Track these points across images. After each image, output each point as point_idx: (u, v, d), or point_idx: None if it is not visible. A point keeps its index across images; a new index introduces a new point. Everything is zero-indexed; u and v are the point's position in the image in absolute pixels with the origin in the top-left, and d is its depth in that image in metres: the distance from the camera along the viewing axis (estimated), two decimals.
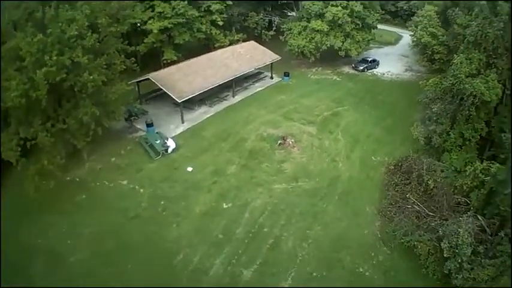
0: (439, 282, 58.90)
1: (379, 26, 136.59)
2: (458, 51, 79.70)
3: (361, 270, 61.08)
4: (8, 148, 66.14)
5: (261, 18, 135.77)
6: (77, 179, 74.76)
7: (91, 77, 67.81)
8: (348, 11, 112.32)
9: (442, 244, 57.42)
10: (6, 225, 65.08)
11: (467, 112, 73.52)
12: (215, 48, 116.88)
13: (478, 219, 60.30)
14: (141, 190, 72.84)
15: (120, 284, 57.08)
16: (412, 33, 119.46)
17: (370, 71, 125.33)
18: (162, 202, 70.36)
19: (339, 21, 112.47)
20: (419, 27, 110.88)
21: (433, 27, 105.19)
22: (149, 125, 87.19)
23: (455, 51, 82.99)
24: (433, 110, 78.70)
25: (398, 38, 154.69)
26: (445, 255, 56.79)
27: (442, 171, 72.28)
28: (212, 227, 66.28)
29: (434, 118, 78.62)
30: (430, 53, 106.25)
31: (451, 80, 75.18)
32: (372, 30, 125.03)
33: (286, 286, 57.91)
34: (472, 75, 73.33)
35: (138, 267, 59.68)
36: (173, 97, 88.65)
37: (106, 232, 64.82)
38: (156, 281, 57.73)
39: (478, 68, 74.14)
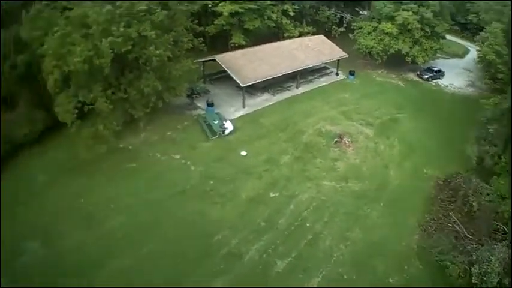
0: None
1: (448, 37, 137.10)
2: None
3: (391, 280, 60.92)
4: (65, 110, 68.11)
5: (332, 14, 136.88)
6: (130, 147, 77.16)
7: (157, 51, 69.65)
8: (418, 16, 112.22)
9: (472, 269, 56.69)
10: (50, 180, 67.83)
11: None
12: (284, 38, 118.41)
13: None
14: (192, 167, 74.50)
15: (153, 255, 58.49)
16: (478, 48, 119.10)
17: (434, 81, 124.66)
18: (211, 182, 71.70)
19: (409, 26, 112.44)
20: (485, 43, 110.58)
21: (498, 45, 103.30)
22: (210, 104, 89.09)
23: None
24: (489, 130, 78.28)
25: (466, 51, 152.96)
26: (473, 281, 56.05)
27: (488, 194, 71.49)
28: (256, 214, 67.33)
29: (489, 139, 78.06)
30: (493, 71, 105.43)
31: (510, 102, 73.86)
32: (441, 40, 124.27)
33: (314, 286, 58.41)
34: None
35: (173, 241, 61.00)
36: (237, 81, 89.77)
37: (149, 203, 66.40)
38: (189, 257, 58.80)
39: None
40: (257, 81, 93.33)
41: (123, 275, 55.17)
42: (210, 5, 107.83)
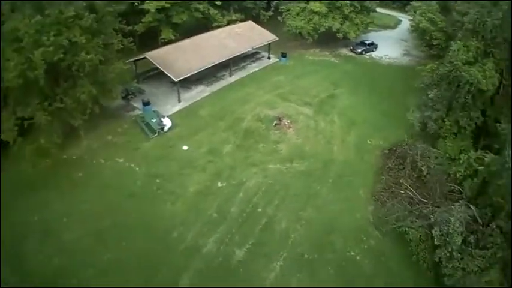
0: (429, 272, 58.48)
1: (379, 10, 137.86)
2: (456, 38, 78.55)
3: (352, 254, 61.37)
4: (6, 128, 66.94)
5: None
6: (74, 157, 75.57)
7: (88, 56, 68.47)
8: None
9: (433, 232, 56.87)
10: (1, 202, 65.16)
11: (463, 100, 72.19)
12: (213, 28, 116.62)
13: (470, 208, 59.00)
14: (137, 168, 73.74)
15: (115, 262, 57.80)
16: (411, 18, 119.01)
17: (368, 54, 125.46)
18: (158, 180, 71.18)
19: (337, 3, 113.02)
20: (418, 12, 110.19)
21: (432, 13, 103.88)
22: (146, 103, 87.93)
23: (453, 38, 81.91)
24: (430, 96, 78.28)
25: (398, 22, 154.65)
26: (435, 243, 56.12)
27: (436, 157, 72.12)
28: (206, 206, 67.00)
29: (430, 104, 78.10)
30: (428, 38, 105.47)
31: (447, 67, 74.50)
32: (371, 14, 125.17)
33: (277, 269, 58.52)
34: (468, 63, 72.39)
35: (132, 244, 60.35)
36: (170, 76, 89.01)
37: (101, 210, 65.39)
38: (150, 258, 58.39)
39: (475, 56, 73.09)
40: (190, 74, 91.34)
41: (91, 284, 54.96)
42: (136, 3, 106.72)
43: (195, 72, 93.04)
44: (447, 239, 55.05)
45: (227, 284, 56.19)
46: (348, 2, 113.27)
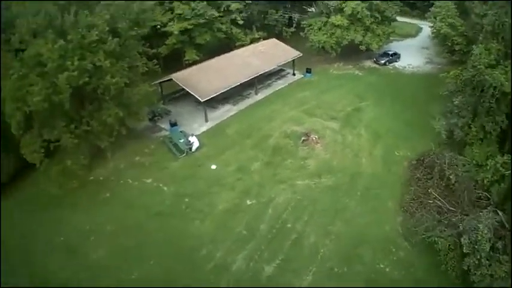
0: (457, 281, 57.81)
1: (399, 19, 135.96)
2: (477, 41, 77.22)
3: (381, 266, 61.09)
4: (32, 150, 68.16)
5: (281, 16, 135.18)
6: (101, 178, 76.14)
7: (113, 80, 68.94)
8: (366, 4, 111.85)
9: (462, 240, 55.98)
10: (27, 223, 66.84)
11: (488, 104, 70.08)
12: (236, 47, 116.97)
13: (498, 214, 58.60)
14: (165, 188, 73.84)
15: (142, 281, 58.19)
16: (431, 25, 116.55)
17: (391, 64, 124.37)
18: (186, 199, 71.32)
19: (358, 15, 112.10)
20: (438, 18, 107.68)
21: (451, 18, 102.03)
22: (173, 124, 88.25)
23: (474, 42, 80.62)
24: (455, 102, 76.92)
25: (419, 29, 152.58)
26: (464, 251, 55.38)
27: (464, 165, 70.94)
28: (235, 224, 67.13)
29: (456, 111, 76.75)
30: (449, 44, 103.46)
31: (470, 72, 73.14)
32: (392, 23, 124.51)
33: (305, 286, 58.40)
34: (491, 66, 70.80)
35: (159, 263, 60.74)
36: (196, 96, 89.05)
37: (128, 229, 66.04)
38: (178, 277, 58.61)
39: (497, 58, 71.58)
40: (215, 94, 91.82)
41: None
42: (159, 26, 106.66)
43: (220, 92, 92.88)
44: (476, 246, 54.20)
45: None
46: (368, 13, 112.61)
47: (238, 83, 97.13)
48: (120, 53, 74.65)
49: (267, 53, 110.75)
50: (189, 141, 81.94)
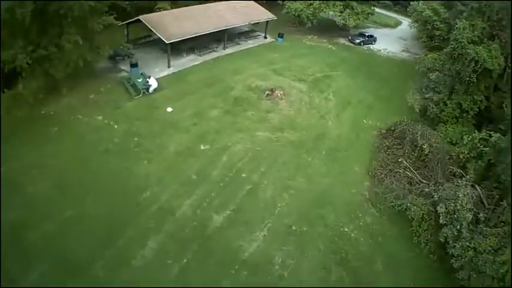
0: (432, 255, 50.87)
1: (379, 11, 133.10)
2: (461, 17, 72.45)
3: (346, 230, 52.99)
4: None
5: None
6: (52, 113, 67.59)
7: None
8: None
9: (438, 208, 49.55)
10: None
11: (468, 79, 66.81)
12: None
13: (476, 189, 52.96)
14: (116, 126, 65.81)
15: (78, 217, 49.59)
16: (411, 22, 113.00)
17: (366, 45, 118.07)
18: (136, 139, 63.19)
19: None
20: (421, 1, 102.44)
21: (435, 4, 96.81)
22: (133, 65, 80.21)
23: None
24: (431, 77, 72.80)
25: (398, 22, 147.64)
26: (441, 221, 48.77)
27: (437, 139, 64.89)
28: (186, 167, 58.72)
29: (432, 86, 72.67)
30: (430, 28, 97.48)
31: (452, 45, 68.91)
32: (371, 8, 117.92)
33: (260, 238, 50.01)
34: (474, 42, 67.02)
35: (99, 200, 52.14)
36: (161, 38, 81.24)
37: (72, 164, 57.48)
38: (116, 217, 50.15)
39: (480, 37, 67.92)
40: (183, 38, 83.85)
41: (49, 239, 46.67)
42: None
43: (188, 36, 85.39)
44: (454, 215, 48.27)
45: (200, 251, 47.61)
46: None
47: (208, 31, 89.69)
48: None
49: (241, 10, 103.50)
50: (147, 81, 74.52)
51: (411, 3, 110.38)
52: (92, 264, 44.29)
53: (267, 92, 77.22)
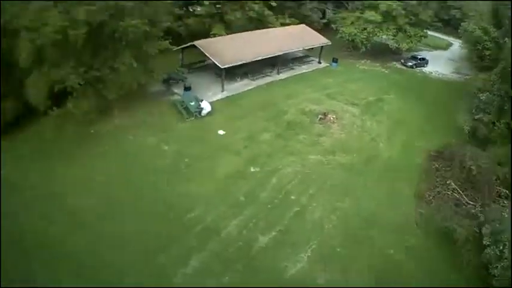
0: (474, 277, 49.00)
1: (431, 33, 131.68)
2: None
3: (391, 252, 51.99)
4: (37, 89, 61.15)
5: (315, 7, 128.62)
6: (102, 132, 68.85)
7: (133, 21, 62.28)
8: (402, 3, 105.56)
9: (483, 229, 48.83)
10: (16, 166, 60.03)
11: None
12: None
13: None
14: (166, 147, 66.53)
15: (119, 234, 50.15)
16: (461, 43, 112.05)
17: (418, 68, 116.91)
18: (186, 160, 63.64)
19: (393, 13, 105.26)
20: (472, 22, 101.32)
21: (485, 23, 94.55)
22: (187, 88, 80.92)
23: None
24: (481, 98, 71.44)
25: (449, 44, 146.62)
26: (484, 242, 47.81)
27: (486, 160, 63.23)
28: (234, 189, 58.71)
29: (482, 107, 71.35)
30: (480, 48, 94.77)
31: (502, 64, 68.22)
32: (424, 31, 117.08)
33: (305, 260, 49.36)
34: None
35: (143, 217, 52.76)
36: (216, 63, 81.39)
37: (120, 181, 58.34)
38: (159, 235, 50.51)
39: None
40: (237, 63, 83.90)
41: (91, 253, 47.43)
42: None
43: (242, 62, 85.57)
44: (498, 237, 47.02)
45: (243, 270, 47.33)
46: (403, 12, 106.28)
47: (262, 57, 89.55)
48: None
49: (295, 35, 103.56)
50: (200, 104, 74.84)
51: (462, 24, 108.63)
52: (131, 279, 44.90)
53: (319, 116, 76.94)
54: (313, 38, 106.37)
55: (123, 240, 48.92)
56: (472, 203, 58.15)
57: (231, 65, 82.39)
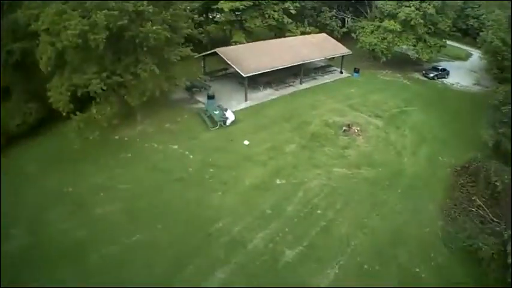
0: None
1: (450, 43, 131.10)
2: None
3: (417, 270, 51.25)
4: (58, 93, 61.59)
5: (334, 16, 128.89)
6: (126, 139, 69.63)
7: (154, 27, 61.85)
8: (421, 12, 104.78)
9: (507, 247, 48.49)
10: (38, 171, 61.26)
11: None
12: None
13: None
14: (191, 156, 66.37)
15: (142, 244, 50.22)
16: (481, 54, 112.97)
17: (440, 80, 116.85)
18: (211, 170, 63.37)
19: (412, 22, 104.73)
20: (490, 32, 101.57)
21: (503, 32, 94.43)
22: (210, 97, 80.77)
23: None
24: (504, 111, 70.71)
25: (468, 54, 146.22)
26: (508, 261, 47.38)
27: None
28: (260, 201, 58.16)
29: (505, 120, 70.42)
30: (500, 59, 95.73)
31: None
32: (443, 40, 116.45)
33: (331, 276, 48.74)
34: None
35: (168, 227, 52.73)
36: (238, 71, 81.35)
37: (143, 190, 58.58)
38: (184, 246, 50.28)
39: None
40: (259, 72, 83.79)
41: (113, 261, 47.47)
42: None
43: (265, 71, 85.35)
44: None
45: (269, 285, 46.77)
46: (422, 21, 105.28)
47: (284, 66, 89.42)
48: (164, 5, 68.42)
49: (316, 45, 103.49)
50: (224, 114, 74.84)
51: (481, 34, 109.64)
52: None
53: (344, 128, 76.69)
54: (334, 48, 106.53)
55: (148, 250, 48.94)
56: (496, 220, 57.24)
57: (253, 74, 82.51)
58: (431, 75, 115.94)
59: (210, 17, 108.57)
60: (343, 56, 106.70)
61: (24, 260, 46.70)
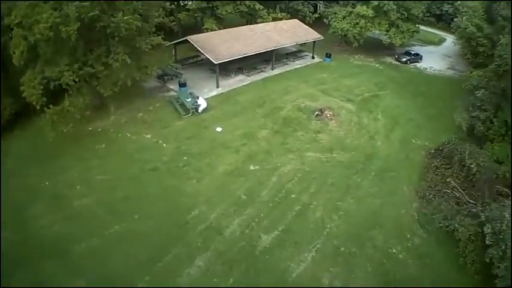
0: (477, 276, 49.00)
1: (424, 28, 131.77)
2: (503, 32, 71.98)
3: (394, 251, 51.98)
4: (31, 86, 61.33)
5: (306, 1, 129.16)
6: (99, 130, 69.79)
7: (125, 17, 61.53)
8: None
9: (484, 229, 48.41)
10: (15, 166, 61.21)
11: None
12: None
13: None
14: (164, 145, 66.85)
15: (124, 234, 50.50)
16: (455, 39, 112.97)
17: (412, 64, 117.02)
18: (185, 158, 63.93)
19: (385, 8, 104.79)
20: (464, 17, 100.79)
21: (478, 19, 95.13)
22: (182, 84, 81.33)
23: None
24: (477, 95, 70.71)
25: (442, 39, 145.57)
26: (486, 242, 47.60)
27: (485, 157, 63.37)
28: (235, 187, 58.87)
29: (478, 104, 70.85)
30: (474, 44, 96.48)
31: (496, 61, 67.81)
32: (416, 26, 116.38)
33: (308, 260, 49.30)
34: None
35: (145, 217, 53.23)
36: (209, 58, 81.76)
37: (119, 181, 58.90)
38: (163, 234, 50.90)
39: None
40: (231, 58, 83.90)
41: (94, 253, 47.92)
42: None
43: (236, 57, 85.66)
44: (500, 236, 46.83)
45: (248, 270, 47.44)
46: (394, 7, 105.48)
47: (256, 52, 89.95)
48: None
49: (288, 31, 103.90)
50: (196, 101, 75.18)
51: (455, 19, 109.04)
52: (136, 280, 44.85)
53: (316, 113, 76.99)
54: (305, 33, 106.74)
55: (127, 241, 49.16)
56: (472, 201, 57.58)
57: (225, 61, 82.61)
58: (404, 59, 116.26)
59: (182, 4, 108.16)
60: (314, 41, 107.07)
61: (9, 258, 46.59)
